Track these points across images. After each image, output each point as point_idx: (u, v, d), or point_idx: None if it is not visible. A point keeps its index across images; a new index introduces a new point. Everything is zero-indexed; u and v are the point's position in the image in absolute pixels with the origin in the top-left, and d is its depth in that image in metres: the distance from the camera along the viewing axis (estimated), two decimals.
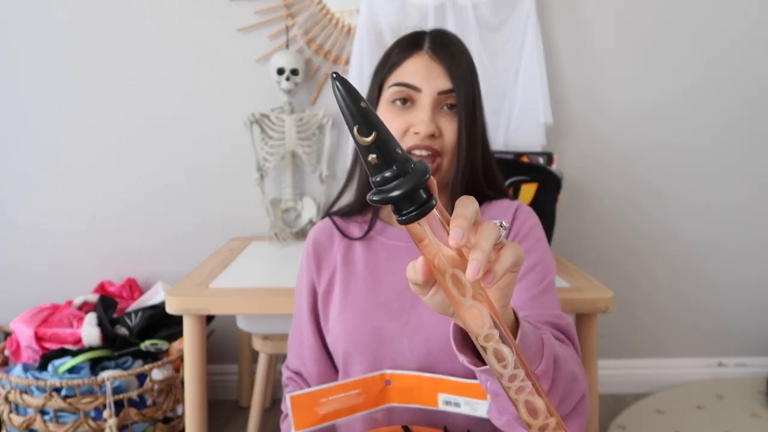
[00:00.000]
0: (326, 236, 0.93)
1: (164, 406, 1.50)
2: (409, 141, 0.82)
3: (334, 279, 0.89)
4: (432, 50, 0.83)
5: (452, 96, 0.82)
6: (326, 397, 0.75)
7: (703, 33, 1.76)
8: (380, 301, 0.83)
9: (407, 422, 0.79)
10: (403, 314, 0.82)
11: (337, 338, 0.84)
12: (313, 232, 0.94)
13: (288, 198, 1.75)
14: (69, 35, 1.69)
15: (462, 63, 0.83)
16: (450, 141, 0.83)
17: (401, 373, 0.78)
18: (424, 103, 0.81)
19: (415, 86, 0.82)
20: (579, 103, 1.78)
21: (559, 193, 1.47)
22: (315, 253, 0.91)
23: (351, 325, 0.83)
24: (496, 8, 1.64)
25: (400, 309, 0.82)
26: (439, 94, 0.82)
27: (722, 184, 1.86)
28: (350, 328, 0.82)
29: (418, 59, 0.83)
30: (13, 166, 1.76)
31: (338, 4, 1.70)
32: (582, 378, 0.66)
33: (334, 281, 0.89)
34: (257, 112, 1.68)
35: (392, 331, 0.81)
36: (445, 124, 0.83)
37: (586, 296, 1.20)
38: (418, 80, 0.82)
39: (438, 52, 0.83)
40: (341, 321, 0.84)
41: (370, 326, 0.82)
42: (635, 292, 1.92)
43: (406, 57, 0.84)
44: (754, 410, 1.75)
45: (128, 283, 1.78)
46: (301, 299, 0.92)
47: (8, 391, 1.42)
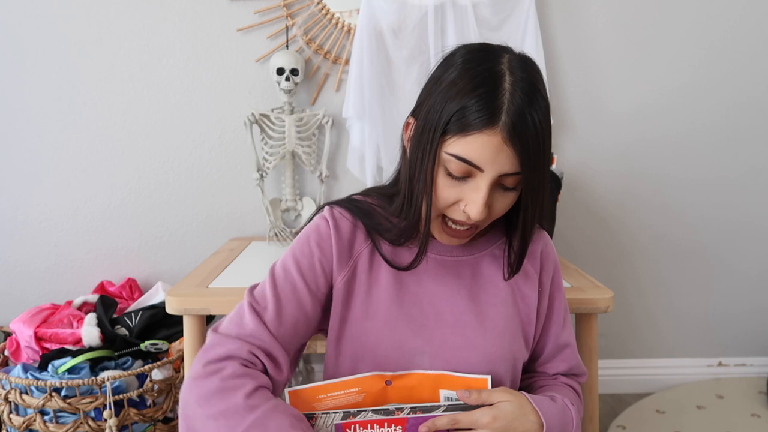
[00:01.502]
0: (349, 230, 0.83)
1: (164, 406, 1.50)
2: (455, 213, 0.74)
3: (354, 280, 0.82)
4: (509, 134, 0.68)
5: (515, 179, 0.72)
6: (325, 394, 0.74)
7: (703, 32, 1.76)
8: (403, 314, 0.80)
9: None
10: (426, 331, 0.79)
11: (352, 343, 0.80)
12: (332, 218, 0.83)
13: (288, 198, 1.75)
14: (69, 35, 1.69)
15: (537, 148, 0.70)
16: (496, 213, 0.75)
17: (401, 372, 0.78)
18: (481, 184, 0.71)
19: (478, 166, 0.70)
20: (579, 103, 1.78)
21: (559, 193, 1.47)
22: (338, 241, 0.81)
23: (372, 334, 0.79)
24: (496, 8, 1.64)
25: (423, 325, 0.79)
26: (500, 176, 0.71)
27: (722, 184, 1.86)
28: (371, 336, 0.79)
29: (489, 138, 0.68)
30: (12, 166, 1.75)
31: (338, 4, 1.70)
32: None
33: (354, 283, 0.82)
34: (257, 112, 1.68)
35: (415, 347, 0.78)
36: (498, 197, 0.74)
37: (586, 296, 1.20)
38: (483, 162, 0.69)
39: (514, 137, 0.68)
40: (362, 327, 0.79)
41: (394, 339, 0.79)
42: (635, 292, 1.92)
43: (479, 129, 0.68)
44: (754, 410, 1.75)
45: (128, 283, 1.78)
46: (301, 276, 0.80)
47: (8, 391, 1.42)
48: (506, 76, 0.69)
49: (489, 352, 0.78)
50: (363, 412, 0.72)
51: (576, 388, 0.87)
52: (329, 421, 0.71)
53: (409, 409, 0.71)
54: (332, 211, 0.84)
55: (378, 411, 0.72)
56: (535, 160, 0.70)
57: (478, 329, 0.79)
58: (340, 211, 0.84)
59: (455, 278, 0.82)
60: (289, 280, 0.79)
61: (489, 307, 0.81)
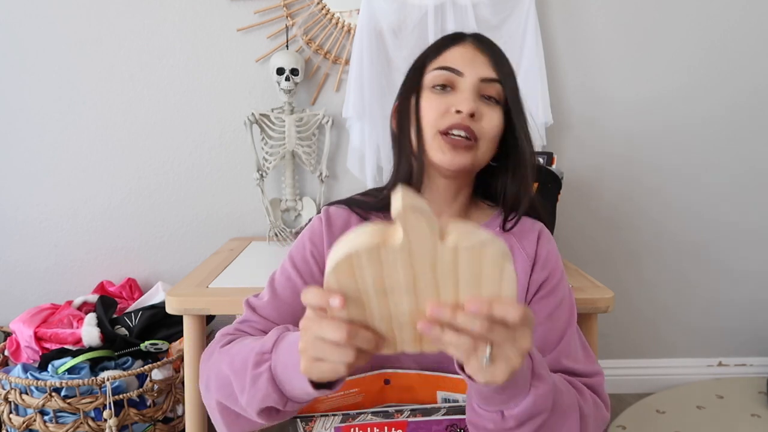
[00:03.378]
0: (343, 222, 0.85)
1: (164, 406, 1.50)
2: (448, 120, 0.77)
3: None
4: (477, 41, 0.82)
5: (495, 87, 0.79)
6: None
7: (703, 32, 1.76)
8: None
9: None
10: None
11: None
12: (326, 215, 0.86)
13: (288, 198, 1.75)
14: (69, 35, 1.69)
15: (505, 59, 0.82)
16: (489, 128, 0.79)
17: (400, 372, 0.78)
18: (465, 87, 0.78)
19: (458, 70, 0.79)
20: (579, 102, 1.78)
21: (559, 193, 1.47)
22: (330, 234, 0.83)
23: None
24: (496, 8, 1.64)
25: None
26: (481, 81, 0.78)
27: (722, 184, 1.86)
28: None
29: (463, 47, 0.81)
30: (12, 166, 1.76)
31: (338, 4, 1.70)
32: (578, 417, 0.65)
33: None
34: (257, 112, 1.67)
35: None
36: (485, 110, 0.79)
37: (586, 296, 1.20)
38: (461, 65, 0.79)
39: (483, 43, 0.82)
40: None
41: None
42: (635, 292, 1.92)
43: (450, 46, 0.82)
44: (754, 410, 1.75)
45: (128, 283, 1.78)
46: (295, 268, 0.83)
47: (8, 391, 1.42)
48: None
49: None
50: (362, 415, 0.72)
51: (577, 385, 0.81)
52: (328, 424, 0.71)
53: (408, 412, 0.71)
54: (327, 210, 0.87)
55: (377, 414, 0.72)
56: (508, 71, 0.80)
57: None
58: (335, 209, 0.88)
59: None
60: (285, 274, 0.83)
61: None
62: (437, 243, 0.47)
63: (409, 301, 0.50)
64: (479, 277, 0.48)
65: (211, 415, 0.73)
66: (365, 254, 0.47)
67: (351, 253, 0.48)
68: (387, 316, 0.51)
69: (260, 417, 0.65)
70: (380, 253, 0.47)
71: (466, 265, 0.48)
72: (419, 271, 0.48)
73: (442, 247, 0.47)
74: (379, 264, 0.48)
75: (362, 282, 0.49)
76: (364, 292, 0.50)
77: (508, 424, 0.59)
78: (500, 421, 0.59)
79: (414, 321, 0.51)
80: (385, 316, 0.51)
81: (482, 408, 0.60)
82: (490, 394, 0.57)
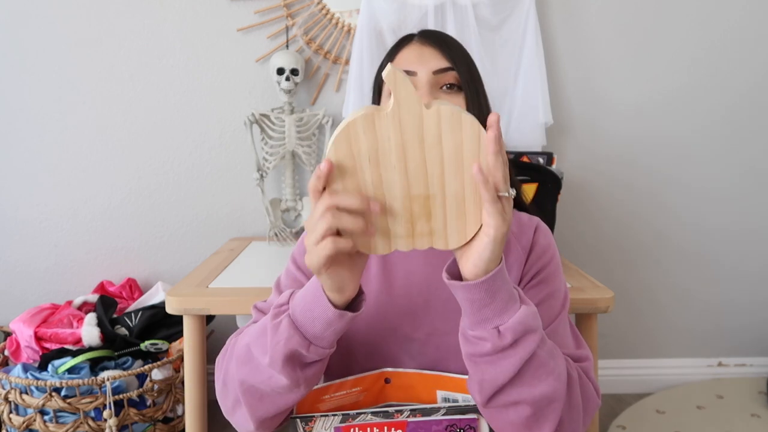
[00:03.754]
0: None
1: (164, 406, 1.50)
2: None
3: None
4: (422, 37, 0.82)
5: (450, 74, 0.79)
6: (329, 395, 0.75)
7: (703, 32, 1.76)
8: (392, 303, 0.82)
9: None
10: (416, 318, 0.81)
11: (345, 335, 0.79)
12: None
13: (288, 198, 1.75)
14: (69, 34, 1.69)
15: (454, 44, 0.82)
16: None
17: (400, 371, 0.78)
18: (421, 83, 0.78)
19: (409, 70, 0.79)
20: (579, 103, 1.78)
21: (559, 193, 1.47)
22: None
23: (364, 326, 0.80)
24: (496, 8, 1.64)
25: (412, 312, 0.81)
26: (434, 74, 0.79)
27: (723, 184, 1.86)
28: (363, 329, 0.80)
29: (410, 46, 0.82)
30: (13, 166, 1.76)
31: (338, 4, 1.70)
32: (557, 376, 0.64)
33: None
34: (257, 112, 1.68)
35: (404, 334, 0.80)
36: (446, 98, 0.79)
37: (586, 296, 1.20)
38: (412, 64, 0.79)
39: (428, 38, 0.82)
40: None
41: (382, 328, 0.81)
42: (635, 292, 1.92)
43: (398, 51, 0.83)
44: (754, 410, 1.75)
45: (128, 283, 1.78)
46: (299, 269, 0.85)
47: (8, 391, 1.42)
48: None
49: None
50: (362, 415, 0.72)
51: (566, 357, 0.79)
52: (328, 424, 0.71)
53: (408, 412, 0.71)
54: None
55: (377, 413, 0.72)
56: (461, 55, 0.80)
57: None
58: None
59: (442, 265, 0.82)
60: (290, 276, 0.84)
61: None
62: (422, 109, 0.55)
63: (401, 181, 0.57)
64: (461, 147, 0.56)
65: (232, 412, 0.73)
66: (361, 122, 0.55)
67: (349, 122, 0.55)
68: (381, 200, 0.58)
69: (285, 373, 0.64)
70: (374, 122, 0.55)
71: (449, 131, 0.56)
72: (408, 142, 0.56)
73: (427, 113, 0.55)
74: (373, 134, 0.56)
75: (358, 154, 0.56)
76: (360, 169, 0.57)
77: (505, 339, 0.60)
78: (497, 338, 0.60)
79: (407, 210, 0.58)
80: (380, 200, 0.58)
81: (477, 330, 0.62)
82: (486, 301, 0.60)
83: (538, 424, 0.64)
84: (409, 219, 0.59)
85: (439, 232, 0.60)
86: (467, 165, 0.56)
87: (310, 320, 0.63)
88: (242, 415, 0.71)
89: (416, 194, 0.58)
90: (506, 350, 0.60)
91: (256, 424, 0.70)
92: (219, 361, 0.76)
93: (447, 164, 0.56)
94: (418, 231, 0.60)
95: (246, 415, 0.70)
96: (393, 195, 0.58)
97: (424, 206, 0.59)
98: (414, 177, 0.57)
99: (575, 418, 0.67)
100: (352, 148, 0.56)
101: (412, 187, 0.58)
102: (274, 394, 0.67)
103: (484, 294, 0.60)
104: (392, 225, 0.59)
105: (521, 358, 0.60)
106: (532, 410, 0.62)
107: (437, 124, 0.55)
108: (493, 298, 0.60)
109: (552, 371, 0.63)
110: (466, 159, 0.56)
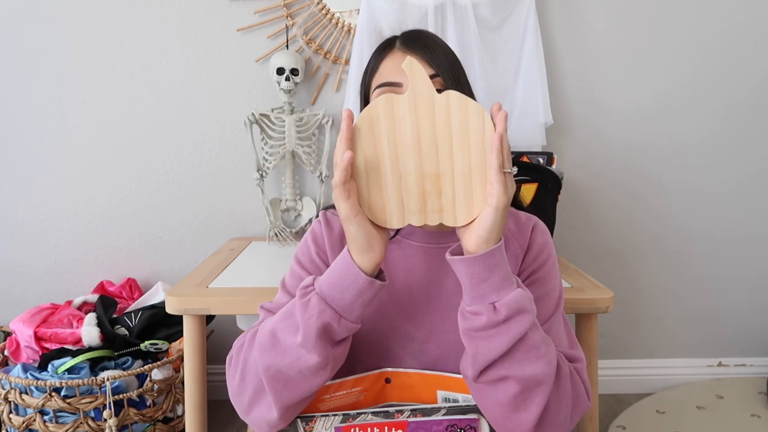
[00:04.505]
0: (340, 224, 0.84)
1: (164, 406, 1.50)
2: None
3: None
4: (404, 44, 0.81)
5: (436, 81, 0.78)
6: (329, 394, 0.75)
7: (703, 32, 1.76)
8: (394, 300, 0.83)
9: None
10: (417, 317, 0.82)
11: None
12: (324, 218, 0.88)
13: (288, 198, 1.75)
14: (69, 34, 1.69)
15: (438, 49, 0.80)
16: None
17: (401, 371, 0.78)
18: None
19: (395, 82, 0.77)
20: (579, 103, 1.78)
21: (559, 193, 1.47)
22: (330, 235, 0.85)
23: (366, 325, 0.80)
24: (496, 8, 1.64)
25: (413, 311, 0.82)
26: None
27: (722, 184, 1.86)
28: (365, 327, 0.80)
29: (393, 54, 0.80)
30: (13, 166, 1.76)
31: (338, 4, 1.70)
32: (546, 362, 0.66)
33: None
34: (257, 112, 1.68)
35: (405, 332, 0.81)
36: None
37: (586, 296, 1.20)
38: (396, 75, 0.77)
39: (411, 45, 0.80)
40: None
41: (384, 326, 0.81)
42: (635, 292, 1.92)
43: (382, 59, 0.81)
44: (754, 410, 1.75)
45: (128, 283, 1.78)
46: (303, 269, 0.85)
47: (8, 391, 1.42)
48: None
49: None
50: (362, 415, 0.72)
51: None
52: (328, 424, 0.71)
53: (409, 412, 0.71)
54: (325, 214, 0.90)
55: (378, 413, 0.72)
56: (445, 60, 0.79)
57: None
58: (332, 213, 0.89)
59: (442, 264, 0.83)
60: (295, 275, 0.85)
61: None
62: (434, 94, 0.65)
63: (415, 159, 0.65)
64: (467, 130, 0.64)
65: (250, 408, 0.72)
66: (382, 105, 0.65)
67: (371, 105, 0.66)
68: (397, 177, 0.66)
69: (316, 350, 0.66)
70: (393, 106, 0.65)
71: (458, 114, 0.64)
72: (422, 123, 0.65)
73: (438, 98, 0.65)
74: (392, 115, 0.65)
75: (378, 133, 0.65)
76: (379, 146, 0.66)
77: (500, 315, 0.64)
78: (492, 313, 0.64)
79: (420, 187, 0.66)
80: (396, 178, 0.66)
81: (474, 305, 0.66)
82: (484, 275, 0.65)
83: (525, 404, 0.66)
84: (421, 195, 0.66)
85: (448, 209, 0.66)
86: (473, 146, 0.64)
87: (340, 293, 0.67)
88: (265, 405, 0.71)
89: (428, 172, 0.65)
90: (499, 326, 0.64)
91: (281, 412, 0.70)
92: (232, 359, 0.76)
93: (455, 144, 0.65)
94: (430, 207, 0.66)
95: (270, 404, 0.70)
96: (408, 171, 0.65)
97: (435, 184, 0.66)
98: (426, 156, 0.65)
99: (562, 409, 0.68)
100: (373, 128, 0.65)
101: (424, 165, 0.65)
102: (301, 376, 0.68)
103: (483, 267, 0.64)
104: (406, 200, 0.66)
105: (514, 336, 0.64)
106: (520, 388, 0.65)
107: (447, 107, 0.64)
108: (491, 272, 0.64)
109: (543, 356, 0.66)
110: (473, 141, 0.64)
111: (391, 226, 0.67)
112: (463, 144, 0.64)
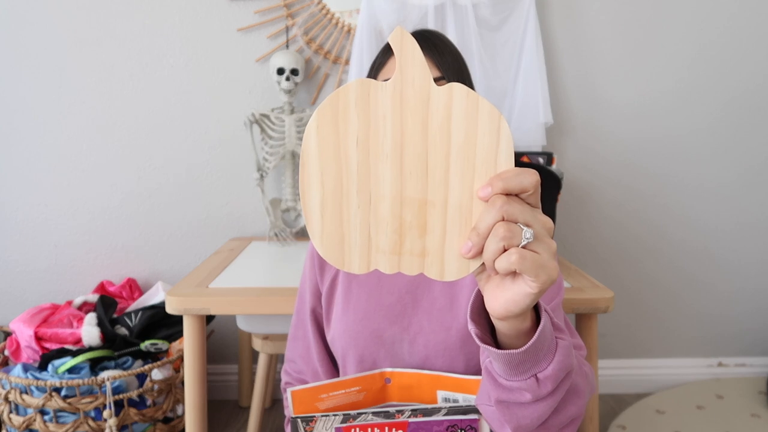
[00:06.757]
0: None
1: (164, 406, 1.50)
2: None
3: (336, 281, 0.89)
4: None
5: (440, 83, 0.79)
6: (326, 393, 0.75)
7: (702, 31, 1.76)
8: (381, 305, 0.84)
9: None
10: (404, 319, 0.82)
11: (337, 339, 0.85)
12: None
13: (288, 198, 1.75)
14: (69, 34, 1.69)
15: (447, 51, 0.81)
16: None
17: (401, 371, 0.79)
18: None
19: None
20: (579, 103, 1.78)
21: (559, 193, 1.47)
22: (318, 255, 0.91)
23: (352, 328, 0.83)
24: (496, 8, 1.64)
25: (401, 313, 0.83)
26: None
27: (722, 183, 1.86)
28: (351, 331, 0.83)
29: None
30: (13, 165, 1.76)
31: (338, 4, 1.70)
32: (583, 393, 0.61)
33: (336, 283, 0.89)
34: (257, 112, 1.67)
35: (393, 335, 0.82)
36: None
37: (586, 296, 1.20)
38: None
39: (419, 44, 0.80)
40: (343, 323, 0.84)
41: (371, 329, 0.82)
42: (635, 292, 1.92)
43: (386, 60, 0.82)
44: (754, 410, 1.75)
45: (128, 283, 1.78)
46: (304, 301, 0.93)
47: (8, 391, 1.42)
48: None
49: (464, 332, 0.80)
50: (363, 415, 0.72)
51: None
52: (329, 424, 0.71)
53: (409, 412, 0.71)
54: None
55: (378, 414, 0.72)
56: (453, 63, 0.78)
57: (451, 311, 0.81)
58: None
59: None
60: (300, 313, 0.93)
61: (461, 288, 0.83)
62: (431, 84, 0.43)
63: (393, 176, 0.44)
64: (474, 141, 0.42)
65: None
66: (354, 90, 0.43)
67: (339, 90, 0.43)
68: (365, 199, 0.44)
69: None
70: (370, 93, 0.43)
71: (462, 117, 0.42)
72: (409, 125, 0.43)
73: (437, 91, 0.42)
74: (367, 108, 0.43)
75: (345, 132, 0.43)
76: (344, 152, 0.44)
77: (545, 388, 0.53)
78: (536, 387, 0.53)
79: (396, 217, 0.44)
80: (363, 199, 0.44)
81: (513, 380, 0.54)
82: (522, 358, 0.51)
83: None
84: (397, 229, 0.45)
85: (434, 254, 0.45)
86: (481, 166, 0.43)
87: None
88: None
89: (410, 197, 0.44)
90: (546, 398, 0.54)
91: None
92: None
93: (454, 161, 0.43)
94: (407, 248, 0.45)
95: None
96: (380, 193, 0.44)
97: (419, 215, 0.45)
98: (410, 173, 0.44)
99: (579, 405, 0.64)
100: (339, 124, 0.43)
101: (406, 186, 0.44)
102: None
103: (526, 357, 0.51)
104: (375, 235, 0.45)
105: (559, 398, 0.55)
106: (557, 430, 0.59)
107: (447, 106, 0.43)
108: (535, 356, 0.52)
109: (581, 392, 0.60)
110: (481, 158, 0.43)
111: (350, 270, 0.46)
112: (466, 162, 0.43)
